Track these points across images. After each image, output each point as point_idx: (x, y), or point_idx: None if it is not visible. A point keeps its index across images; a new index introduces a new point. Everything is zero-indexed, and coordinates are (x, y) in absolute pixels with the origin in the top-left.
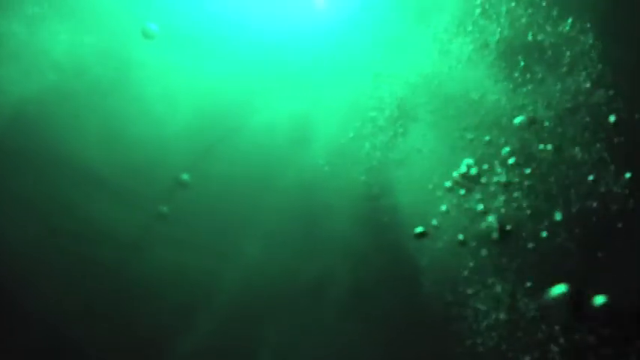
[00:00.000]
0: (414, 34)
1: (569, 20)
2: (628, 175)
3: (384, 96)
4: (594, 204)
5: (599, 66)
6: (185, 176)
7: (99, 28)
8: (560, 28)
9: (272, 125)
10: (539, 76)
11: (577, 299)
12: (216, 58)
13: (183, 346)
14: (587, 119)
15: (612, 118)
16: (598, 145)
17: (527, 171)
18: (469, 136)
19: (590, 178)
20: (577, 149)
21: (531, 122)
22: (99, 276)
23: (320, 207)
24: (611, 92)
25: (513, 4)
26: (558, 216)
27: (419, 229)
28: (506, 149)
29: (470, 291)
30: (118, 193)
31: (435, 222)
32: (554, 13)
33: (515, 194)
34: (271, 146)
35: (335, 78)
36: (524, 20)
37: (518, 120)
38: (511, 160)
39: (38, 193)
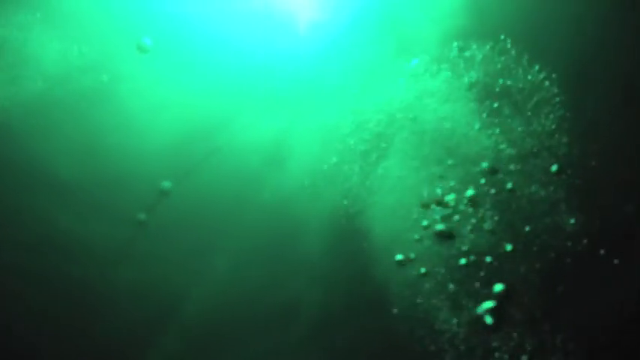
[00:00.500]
0: (392, 67)
1: (537, 68)
2: (572, 220)
3: (363, 123)
4: (550, 239)
5: (562, 112)
6: (166, 184)
7: (88, 39)
8: (529, 76)
9: (250, 145)
10: (508, 117)
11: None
12: (201, 76)
13: None
14: (548, 160)
15: (565, 162)
16: (552, 187)
17: (488, 206)
18: (442, 166)
19: (547, 215)
20: (536, 187)
21: (493, 171)
22: (65, 290)
23: (292, 228)
24: (566, 139)
25: (488, 47)
26: (519, 246)
27: (399, 257)
28: (476, 182)
29: (437, 314)
30: (90, 206)
31: (407, 248)
32: (524, 60)
33: (482, 224)
34: (248, 166)
35: (315, 103)
36: (497, 65)
37: (484, 165)
38: (479, 192)
39: (8, 202)
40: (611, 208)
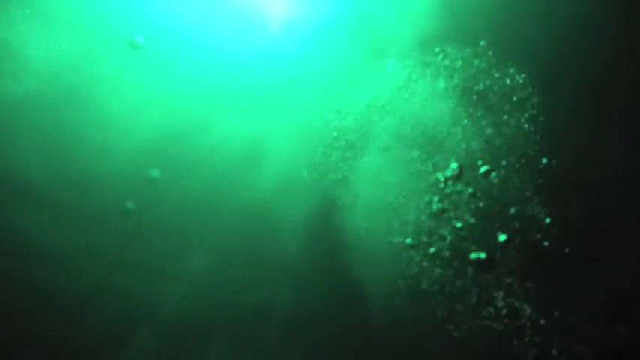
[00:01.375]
0: (370, 65)
1: (511, 70)
2: (548, 220)
3: (341, 121)
4: (523, 233)
5: (534, 112)
6: (155, 172)
7: (71, 37)
8: (505, 78)
9: (228, 145)
10: (482, 118)
11: None
12: (179, 76)
13: None
14: (522, 160)
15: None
16: (526, 184)
17: (470, 199)
18: (421, 164)
19: (520, 209)
20: (511, 184)
21: (471, 167)
22: (40, 294)
23: (272, 227)
24: (538, 136)
25: (464, 49)
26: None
27: (408, 240)
28: (456, 176)
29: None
30: (67, 208)
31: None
32: (499, 62)
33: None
34: (226, 166)
35: (294, 102)
36: (473, 68)
37: (463, 161)
38: (460, 187)
39: None
40: (583, 206)
